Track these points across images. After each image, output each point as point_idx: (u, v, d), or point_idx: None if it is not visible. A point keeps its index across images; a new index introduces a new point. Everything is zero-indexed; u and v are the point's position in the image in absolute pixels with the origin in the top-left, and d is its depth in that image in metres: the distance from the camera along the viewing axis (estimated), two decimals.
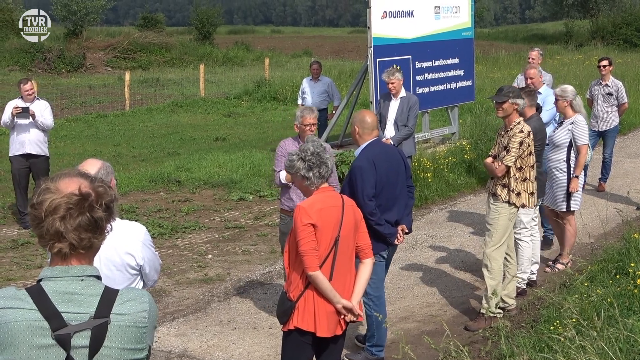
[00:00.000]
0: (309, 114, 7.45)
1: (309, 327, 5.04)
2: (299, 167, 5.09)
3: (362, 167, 6.44)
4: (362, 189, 6.38)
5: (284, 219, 7.60)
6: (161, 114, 23.98)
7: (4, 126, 11.50)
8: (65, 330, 2.59)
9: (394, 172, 6.61)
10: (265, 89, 27.35)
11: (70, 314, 2.62)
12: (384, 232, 6.51)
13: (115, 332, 2.68)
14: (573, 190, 9.05)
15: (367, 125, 6.58)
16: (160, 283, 8.82)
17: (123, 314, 2.71)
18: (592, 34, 47.44)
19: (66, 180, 2.71)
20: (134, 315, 2.74)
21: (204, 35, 50.67)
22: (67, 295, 2.65)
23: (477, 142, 15.07)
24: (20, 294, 2.64)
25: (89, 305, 2.66)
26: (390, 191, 6.59)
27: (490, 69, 30.13)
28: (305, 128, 7.41)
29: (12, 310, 2.59)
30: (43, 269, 2.72)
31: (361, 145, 6.62)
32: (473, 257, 9.90)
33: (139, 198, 12.97)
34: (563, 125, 9.16)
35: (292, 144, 7.48)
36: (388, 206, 6.60)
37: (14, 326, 2.57)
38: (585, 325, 5.79)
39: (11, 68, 36.43)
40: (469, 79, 16.10)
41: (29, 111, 11.30)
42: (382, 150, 6.68)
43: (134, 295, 2.79)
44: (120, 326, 2.69)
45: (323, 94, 15.67)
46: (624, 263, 8.07)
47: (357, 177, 6.43)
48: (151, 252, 4.58)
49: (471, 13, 15.98)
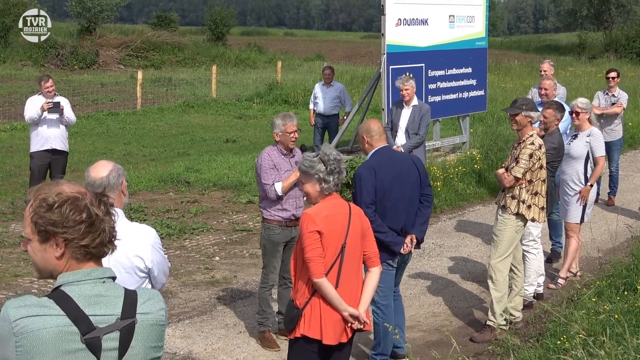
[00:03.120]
0: (291, 121, 7.26)
1: (315, 334, 5.03)
2: (319, 169, 5.03)
3: (360, 174, 6.51)
4: (360, 196, 6.43)
5: (274, 229, 7.37)
6: (172, 114, 24.02)
7: (29, 121, 11.51)
8: (94, 334, 2.61)
9: (399, 180, 6.58)
10: (277, 91, 27.36)
11: (98, 316, 2.65)
12: (384, 239, 6.46)
13: (141, 331, 2.73)
14: (584, 198, 9.05)
15: (374, 132, 6.61)
16: (166, 284, 8.81)
17: (147, 312, 2.77)
18: (606, 47, 47.33)
19: (69, 185, 2.80)
20: (155, 314, 2.80)
21: (217, 36, 50.75)
22: (94, 298, 2.67)
23: (487, 152, 15.04)
24: (44, 301, 2.63)
25: (115, 307, 2.69)
26: (393, 198, 6.56)
27: (503, 78, 30.07)
28: (289, 135, 7.23)
29: (39, 317, 2.57)
30: (61, 275, 2.71)
31: (369, 153, 6.64)
32: (480, 267, 9.88)
33: (148, 198, 12.98)
34: (579, 138, 9.17)
35: (276, 155, 7.29)
36: (391, 213, 6.58)
37: (42, 333, 2.55)
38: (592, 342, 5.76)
39: (24, 63, 36.53)
40: (481, 88, 16.08)
41: (59, 106, 11.42)
42: (388, 157, 6.67)
43: (151, 294, 2.85)
44: (145, 325, 2.75)
45: (335, 100, 15.66)
46: (632, 279, 8.04)
47: (357, 184, 6.50)
48: (160, 256, 4.58)
49: (485, 23, 15.97)
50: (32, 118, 11.39)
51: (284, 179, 7.21)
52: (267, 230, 7.41)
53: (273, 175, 7.20)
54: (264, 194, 7.34)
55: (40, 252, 2.72)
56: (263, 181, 7.25)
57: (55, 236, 2.67)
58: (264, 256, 7.54)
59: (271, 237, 7.38)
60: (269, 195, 7.25)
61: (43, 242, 2.69)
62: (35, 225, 2.68)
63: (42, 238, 2.68)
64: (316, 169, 5.02)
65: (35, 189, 2.75)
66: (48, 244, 2.69)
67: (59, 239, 2.67)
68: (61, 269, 2.71)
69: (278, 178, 7.20)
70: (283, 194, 7.22)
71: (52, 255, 2.69)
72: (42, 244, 2.69)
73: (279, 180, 7.19)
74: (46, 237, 2.68)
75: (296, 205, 7.38)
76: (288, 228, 7.37)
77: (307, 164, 5.07)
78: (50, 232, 2.66)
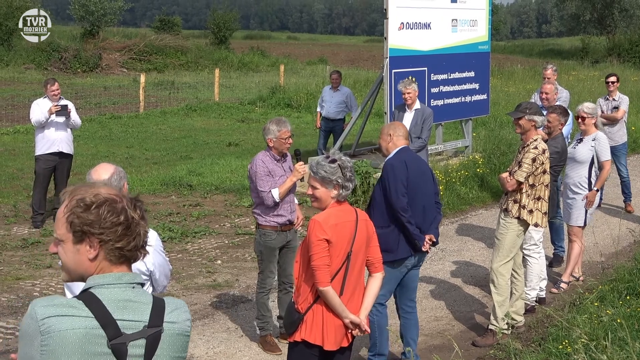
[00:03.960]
0: (285, 127, 7.18)
1: (317, 340, 5.02)
2: (339, 176, 5.00)
3: (394, 164, 6.56)
4: (395, 185, 6.48)
5: (270, 235, 7.32)
6: (175, 117, 24.03)
7: (36, 124, 11.48)
8: (121, 340, 2.59)
9: (422, 180, 6.71)
10: (280, 95, 27.37)
11: (126, 321, 2.63)
12: (413, 232, 6.54)
13: (167, 340, 2.72)
14: (590, 203, 9.05)
15: (401, 132, 6.72)
16: (168, 287, 8.81)
17: (173, 322, 2.75)
18: (609, 51, 47.32)
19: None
20: (181, 324, 2.78)
21: (220, 39, 50.80)
22: (123, 303, 2.65)
23: (490, 156, 15.03)
24: (73, 301, 2.61)
25: (143, 313, 2.67)
26: (419, 198, 6.64)
27: (505, 82, 30.06)
28: (284, 141, 7.17)
29: (67, 318, 2.55)
30: (91, 277, 2.68)
31: (392, 150, 6.68)
32: (483, 271, 9.86)
33: (150, 201, 12.98)
34: (584, 142, 9.16)
35: (270, 161, 7.23)
36: (417, 212, 6.64)
37: (69, 334, 2.53)
38: (594, 347, 5.74)
39: (27, 66, 36.59)
40: (484, 92, 16.07)
41: (67, 109, 11.42)
42: (414, 157, 6.82)
43: (178, 304, 2.83)
44: (172, 335, 2.73)
45: (340, 105, 15.71)
46: (634, 284, 8.03)
47: (390, 174, 6.54)
48: (162, 258, 4.58)
49: (488, 27, 15.96)
50: (39, 121, 11.37)
51: (279, 184, 7.18)
52: (262, 237, 7.37)
53: (269, 182, 7.17)
54: (258, 200, 7.29)
55: (72, 253, 2.68)
56: (260, 188, 7.18)
57: (91, 237, 2.64)
58: (261, 262, 7.52)
59: (267, 242, 7.35)
60: (267, 202, 7.20)
61: (77, 242, 2.66)
62: (71, 225, 2.64)
63: (77, 239, 2.65)
64: (337, 175, 4.99)
65: (71, 189, 2.72)
66: (82, 244, 2.66)
67: (94, 240, 2.64)
68: (93, 271, 2.69)
69: (274, 184, 7.17)
70: (279, 200, 7.20)
71: (85, 256, 2.67)
72: (76, 244, 2.66)
73: (275, 187, 7.16)
74: (81, 237, 2.65)
75: (290, 209, 7.37)
76: (283, 233, 7.36)
77: (327, 169, 4.99)
78: (86, 232, 2.63)
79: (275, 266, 7.50)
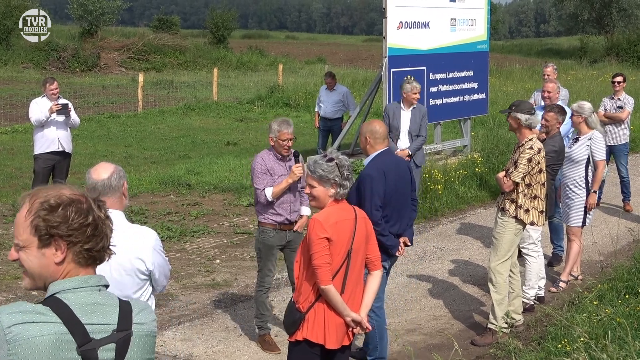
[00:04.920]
0: (286, 128, 7.12)
1: (318, 339, 5.02)
2: (337, 174, 5.00)
3: (372, 176, 6.40)
4: (371, 198, 6.34)
5: (268, 232, 7.33)
6: (173, 117, 24.03)
7: (36, 123, 11.46)
8: (90, 345, 2.54)
9: (401, 184, 6.59)
10: (278, 94, 27.36)
11: (95, 325, 2.58)
12: (386, 243, 6.46)
13: (137, 342, 2.67)
14: (591, 205, 9.05)
15: (379, 134, 6.56)
16: (167, 286, 8.81)
17: (141, 323, 2.71)
18: (607, 51, 47.34)
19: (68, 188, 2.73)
20: (149, 325, 2.75)
21: (219, 39, 50.78)
22: (90, 306, 2.60)
23: (488, 156, 15.03)
24: (40, 307, 2.53)
25: (111, 316, 2.63)
26: (397, 203, 6.56)
27: (504, 82, 30.07)
28: (282, 143, 7.12)
29: (35, 324, 2.48)
30: (55, 283, 2.62)
31: (371, 155, 6.59)
32: (481, 270, 9.86)
33: (149, 200, 12.98)
34: (580, 141, 9.15)
35: (271, 159, 7.23)
36: (394, 218, 6.57)
37: (39, 341, 2.46)
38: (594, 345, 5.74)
39: (25, 65, 36.57)
40: (482, 91, 16.08)
41: (67, 107, 11.43)
42: (393, 161, 6.67)
43: (143, 305, 2.79)
44: (141, 336, 2.69)
45: (338, 104, 15.72)
46: (633, 283, 8.04)
47: (367, 186, 6.39)
48: (161, 258, 4.57)
49: (487, 26, 15.97)
50: (39, 120, 11.35)
51: (277, 183, 7.18)
52: (261, 234, 7.40)
53: (265, 180, 7.18)
54: (256, 197, 7.34)
55: (37, 259, 2.59)
56: (254, 185, 7.24)
57: (58, 240, 2.56)
58: (259, 259, 7.53)
59: (265, 240, 7.36)
60: (260, 200, 7.23)
61: (43, 247, 2.57)
62: (36, 229, 2.55)
63: (42, 243, 2.56)
64: (334, 174, 4.99)
65: (30, 193, 2.63)
66: (48, 248, 2.57)
67: (62, 242, 2.56)
68: (58, 276, 2.61)
69: (271, 183, 7.17)
70: (274, 200, 7.19)
71: (52, 260, 2.58)
72: (42, 249, 2.57)
73: (272, 185, 7.16)
74: (47, 241, 2.56)
75: (290, 209, 7.34)
76: (282, 231, 7.35)
77: (325, 168, 5.00)
78: (53, 235, 2.55)
79: (274, 265, 7.50)
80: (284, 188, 7.15)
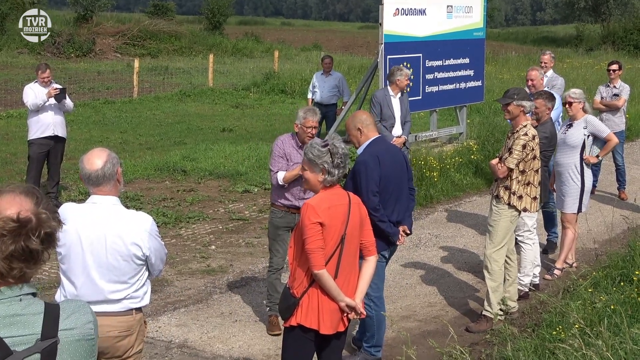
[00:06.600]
0: (312, 116, 7.24)
1: (312, 324, 5.02)
2: (325, 161, 4.99)
3: (366, 162, 6.38)
4: (367, 184, 6.32)
5: (277, 213, 7.45)
6: (169, 103, 23.96)
7: (32, 107, 11.40)
8: (12, 359, 2.38)
9: (397, 171, 6.57)
10: (274, 81, 27.31)
11: (15, 337, 2.42)
12: (386, 229, 6.44)
13: (66, 349, 2.51)
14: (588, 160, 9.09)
15: (369, 121, 6.61)
16: (162, 272, 8.80)
17: (70, 328, 2.54)
18: (603, 39, 47.27)
19: (8, 199, 2.50)
20: (81, 328, 2.57)
21: (214, 25, 50.56)
22: (9, 319, 2.44)
23: (484, 143, 15.04)
24: None
25: (33, 326, 2.47)
26: (392, 189, 6.53)
27: (500, 70, 30.06)
28: (307, 130, 7.22)
29: None
30: None
31: (364, 143, 6.57)
32: (476, 258, 9.88)
33: (144, 186, 12.96)
34: (575, 126, 9.15)
35: (291, 145, 7.33)
36: (390, 204, 6.55)
37: None
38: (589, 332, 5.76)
39: (20, 51, 36.40)
40: (478, 79, 16.06)
41: (65, 92, 11.39)
42: (386, 148, 6.66)
43: (76, 307, 2.62)
44: (70, 342, 2.53)
45: (333, 89, 15.70)
46: (628, 270, 8.05)
47: (362, 172, 6.37)
48: (157, 243, 4.57)
49: (483, 14, 15.94)
50: (36, 104, 11.31)
51: (291, 169, 7.22)
52: (271, 214, 7.57)
53: (280, 164, 7.29)
54: (271, 179, 7.49)
55: None
56: (270, 166, 7.40)
57: None
58: (269, 240, 7.66)
59: (273, 220, 7.49)
60: (272, 181, 7.40)
61: None
62: None
63: None
64: (323, 159, 4.98)
65: None
66: None
67: None
68: None
69: (285, 167, 7.27)
70: (284, 184, 7.23)
71: None
72: None
73: (285, 170, 7.25)
74: None
75: (298, 197, 7.36)
76: (292, 214, 7.37)
77: (315, 152, 5.01)
78: None
79: (282, 246, 7.49)
80: (295, 175, 7.14)
